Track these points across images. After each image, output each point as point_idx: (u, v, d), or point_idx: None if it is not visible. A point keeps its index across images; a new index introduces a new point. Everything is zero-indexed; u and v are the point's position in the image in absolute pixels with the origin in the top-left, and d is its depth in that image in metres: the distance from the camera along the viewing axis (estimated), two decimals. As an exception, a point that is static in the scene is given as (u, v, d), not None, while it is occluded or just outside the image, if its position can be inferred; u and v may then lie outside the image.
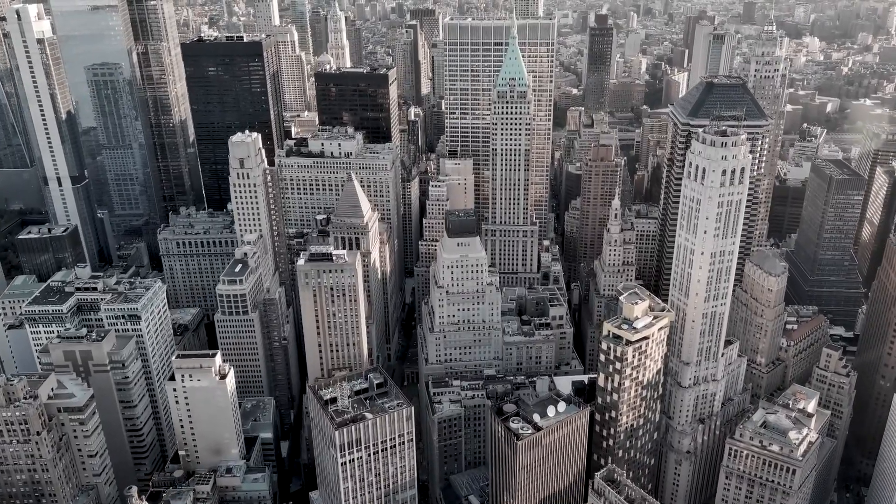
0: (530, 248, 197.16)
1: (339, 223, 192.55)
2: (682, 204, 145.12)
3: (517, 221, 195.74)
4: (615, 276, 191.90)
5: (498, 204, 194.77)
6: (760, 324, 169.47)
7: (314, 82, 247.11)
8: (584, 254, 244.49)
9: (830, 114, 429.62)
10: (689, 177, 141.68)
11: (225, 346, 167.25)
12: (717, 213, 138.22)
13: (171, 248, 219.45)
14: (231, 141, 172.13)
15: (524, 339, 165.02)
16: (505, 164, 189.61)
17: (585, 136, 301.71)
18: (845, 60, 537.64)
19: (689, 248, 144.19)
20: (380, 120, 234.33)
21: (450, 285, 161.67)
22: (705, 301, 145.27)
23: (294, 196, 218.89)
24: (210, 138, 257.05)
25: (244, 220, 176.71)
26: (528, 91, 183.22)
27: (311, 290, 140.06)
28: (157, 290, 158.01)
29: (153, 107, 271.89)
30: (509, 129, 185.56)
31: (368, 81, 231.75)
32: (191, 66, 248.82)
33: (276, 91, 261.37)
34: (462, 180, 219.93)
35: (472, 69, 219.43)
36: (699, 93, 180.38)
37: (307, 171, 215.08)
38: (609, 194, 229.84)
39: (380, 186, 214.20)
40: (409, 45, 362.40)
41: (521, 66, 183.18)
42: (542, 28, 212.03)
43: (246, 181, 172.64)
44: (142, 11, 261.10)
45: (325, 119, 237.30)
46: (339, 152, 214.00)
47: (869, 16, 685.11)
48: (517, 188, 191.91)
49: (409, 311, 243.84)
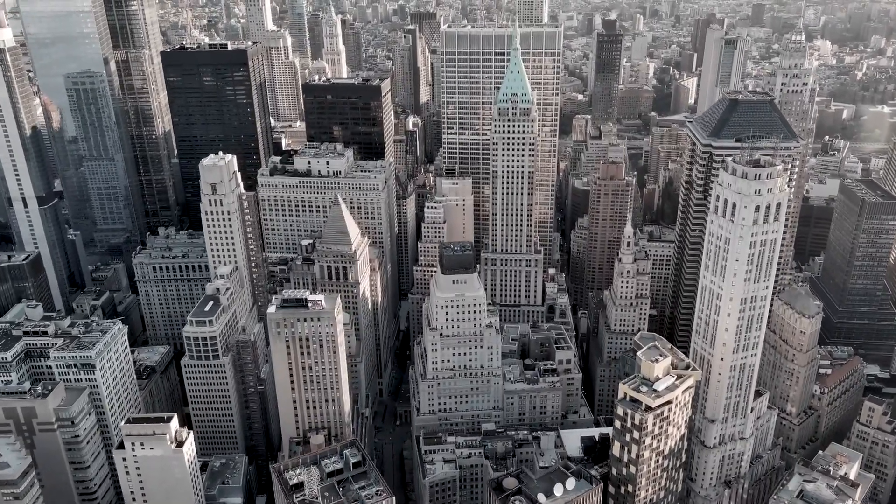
0: (534, 278, 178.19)
1: (324, 251, 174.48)
2: (708, 242, 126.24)
3: (520, 249, 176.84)
4: (627, 310, 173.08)
5: (499, 230, 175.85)
6: (791, 370, 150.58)
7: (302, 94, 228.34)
8: (592, 278, 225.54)
9: (846, 121, 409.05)
10: (716, 212, 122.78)
11: (193, 394, 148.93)
12: (749, 255, 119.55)
13: (147, 272, 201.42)
14: (202, 164, 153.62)
15: (527, 388, 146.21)
16: (506, 187, 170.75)
17: (593, 148, 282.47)
18: (859, 65, 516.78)
19: (715, 293, 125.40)
20: (372, 135, 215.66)
21: (444, 327, 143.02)
22: (734, 352, 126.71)
23: (278, 218, 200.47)
24: (192, 152, 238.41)
25: (217, 252, 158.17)
26: (531, 108, 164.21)
27: (284, 340, 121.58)
28: (116, 333, 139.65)
29: (134, 118, 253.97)
30: (511, 149, 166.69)
31: (360, 93, 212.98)
32: (172, 75, 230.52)
33: (263, 102, 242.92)
34: (460, 201, 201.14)
35: (472, 81, 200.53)
36: (722, 110, 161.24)
37: (292, 192, 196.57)
38: (619, 215, 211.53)
39: (371, 208, 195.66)
40: (408, 50, 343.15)
41: (524, 81, 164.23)
42: (547, 37, 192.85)
43: (219, 208, 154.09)
44: (121, 17, 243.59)
45: (314, 134, 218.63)
46: (327, 171, 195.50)
47: (881, 18, 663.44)
48: (520, 213, 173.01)
49: (405, 339, 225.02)
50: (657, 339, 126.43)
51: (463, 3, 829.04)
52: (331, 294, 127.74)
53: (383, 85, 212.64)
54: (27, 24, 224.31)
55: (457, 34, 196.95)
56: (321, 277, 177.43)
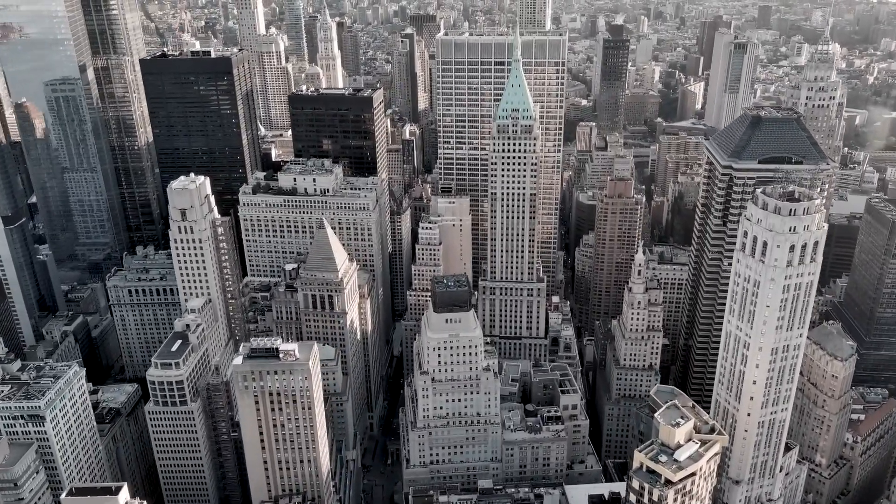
0: (536, 308, 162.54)
1: (309, 278, 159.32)
2: (734, 283, 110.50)
3: (521, 277, 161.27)
4: (638, 344, 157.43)
5: (498, 257, 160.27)
6: (822, 417, 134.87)
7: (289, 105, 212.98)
8: (599, 301, 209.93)
9: (859, 127, 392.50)
10: (744, 250, 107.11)
11: (159, 443, 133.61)
12: (782, 300, 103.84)
13: (122, 296, 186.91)
14: (171, 188, 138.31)
15: (529, 438, 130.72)
16: (506, 210, 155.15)
17: (598, 159, 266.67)
18: (870, 69, 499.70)
19: (741, 341, 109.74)
20: (364, 149, 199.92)
21: (436, 371, 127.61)
22: (762, 407, 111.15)
23: (261, 239, 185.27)
24: (174, 165, 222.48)
25: (188, 283, 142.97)
26: (533, 125, 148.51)
27: (252, 395, 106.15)
28: (71, 378, 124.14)
29: (115, 128, 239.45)
30: (511, 169, 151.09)
31: (351, 105, 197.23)
32: (152, 84, 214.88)
33: (250, 112, 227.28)
34: (457, 221, 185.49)
35: (470, 92, 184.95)
36: (743, 128, 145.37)
37: (276, 211, 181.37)
38: (628, 235, 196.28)
39: (361, 229, 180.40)
40: (406, 55, 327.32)
41: (525, 95, 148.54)
42: (551, 45, 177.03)
43: (189, 236, 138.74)
44: (101, 22, 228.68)
45: (301, 148, 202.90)
46: (314, 189, 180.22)
47: (890, 20, 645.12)
48: (521, 239, 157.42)
49: (398, 365, 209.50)
50: (676, 395, 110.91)
51: (465, 3, 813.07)
52: (305, 344, 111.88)
53: (375, 96, 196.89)
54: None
55: (454, 42, 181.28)
56: (305, 307, 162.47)
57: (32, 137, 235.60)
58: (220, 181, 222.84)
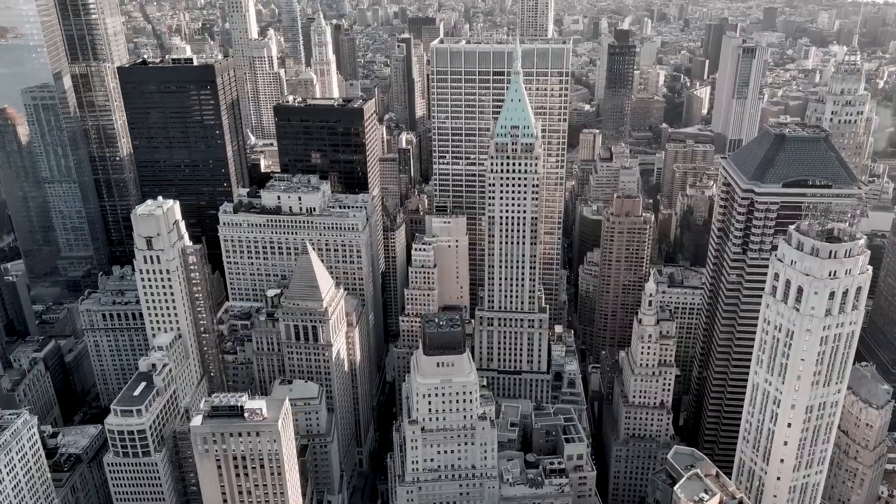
0: (538, 341, 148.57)
1: (291, 307, 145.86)
2: (762, 331, 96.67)
3: (521, 307, 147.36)
4: (648, 381, 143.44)
5: (496, 285, 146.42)
6: (854, 469, 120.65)
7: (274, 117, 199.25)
8: (604, 326, 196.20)
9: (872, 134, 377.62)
10: (775, 295, 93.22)
11: (120, 498, 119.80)
12: (819, 353, 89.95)
13: (96, 321, 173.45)
14: (134, 214, 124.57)
15: (530, 493, 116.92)
16: (505, 235, 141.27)
17: (603, 171, 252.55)
18: (879, 72, 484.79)
19: (771, 396, 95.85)
20: (354, 163, 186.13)
21: (427, 419, 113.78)
22: (794, 470, 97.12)
23: (243, 261, 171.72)
24: (155, 179, 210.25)
25: (155, 318, 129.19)
26: (535, 143, 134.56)
27: (214, 459, 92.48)
28: (20, 428, 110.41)
29: (96, 137, 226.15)
30: (511, 191, 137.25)
31: (340, 116, 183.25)
32: (131, 93, 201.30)
33: (235, 122, 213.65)
34: (453, 242, 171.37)
35: (467, 104, 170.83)
36: (765, 147, 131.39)
37: (259, 232, 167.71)
38: (636, 256, 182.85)
39: (349, 251, 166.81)
40: (402, 61, 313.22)
41: (526, 111, 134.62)
42: (554, 54, 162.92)
43: (155, 266, 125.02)
44: (80, 27, 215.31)
45: (288, 162, 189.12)
46: (299, 208, 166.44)
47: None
48: (521, 266, 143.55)
49: (391, 392, 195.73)
50: (696, 459, 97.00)
51: (466, 4, 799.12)
52: (274, 400, 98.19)
53: (366, 107, 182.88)
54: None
55: (449, 50, 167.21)
56: (287, 338, 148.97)
57: (10, 145, 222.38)
58: (203, 195, 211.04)
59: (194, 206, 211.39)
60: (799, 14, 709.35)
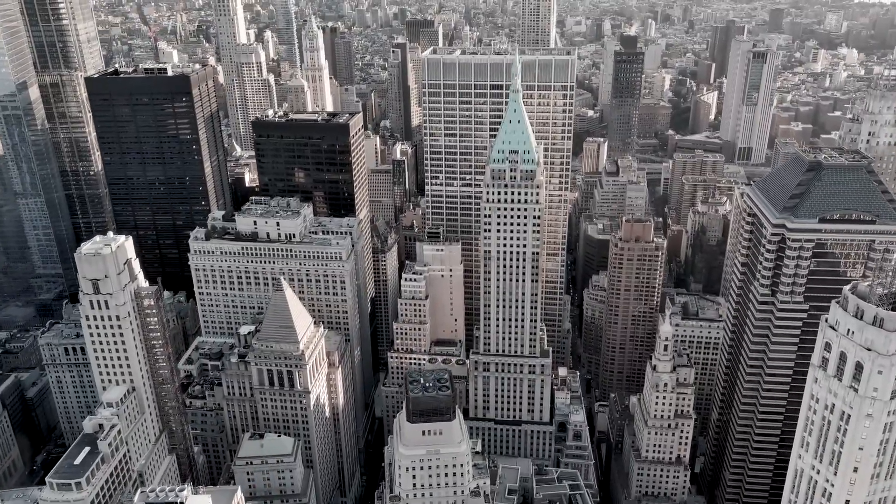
0: (539, 388, 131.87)
1: (264, 350, 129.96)
2: (809, 408, 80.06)
3: (521, 350, 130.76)
4: (664, 434, 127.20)
5: (493, 326, 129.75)
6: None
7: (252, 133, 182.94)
8: (612, 359, 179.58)
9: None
10: (826, 369, 76.55)
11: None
12: (882, 441, 73.25)
13: (58, 355, 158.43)
14: (79, 253, 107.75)
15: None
16: (503, 272, 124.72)
17: (608, 185, 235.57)
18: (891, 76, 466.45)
19: (819, 486, 79.19)
20: (340, 183, 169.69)
21: (410, 496, 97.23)
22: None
23: (216, 293, 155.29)
24: (128, 197, 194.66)
25: (105, 370, 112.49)
26: (537, 170, 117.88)
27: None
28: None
29: (68, 150, 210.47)
30: (509, 224, 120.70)
31: (324, 133, 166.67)
32: (100, 106, 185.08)
33: (215, 136, 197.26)
34: (446, 272, 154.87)
35: (461, 120, 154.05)
36: (798, 175, 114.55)
37: (234, 260, 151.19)
38: (647, 285, 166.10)
39: (333, 282, 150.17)
40: (397, 67, 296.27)
41: (526, 133, 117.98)
42: (558, 66, 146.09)
43: (104, 312, 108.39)
44: (49, 33, 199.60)
45: (268, 183, 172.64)
46: (277, 234, 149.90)
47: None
48: (521, 305, 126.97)
49: (379, 431, 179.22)
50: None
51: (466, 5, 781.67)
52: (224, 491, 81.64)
53: (352, 123, 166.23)
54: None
55: (442, 61, 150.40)
56: (259, 384, 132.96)
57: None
58: (180, 215, 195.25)
59: (170, 227, 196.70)
60: (805, 15, 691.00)
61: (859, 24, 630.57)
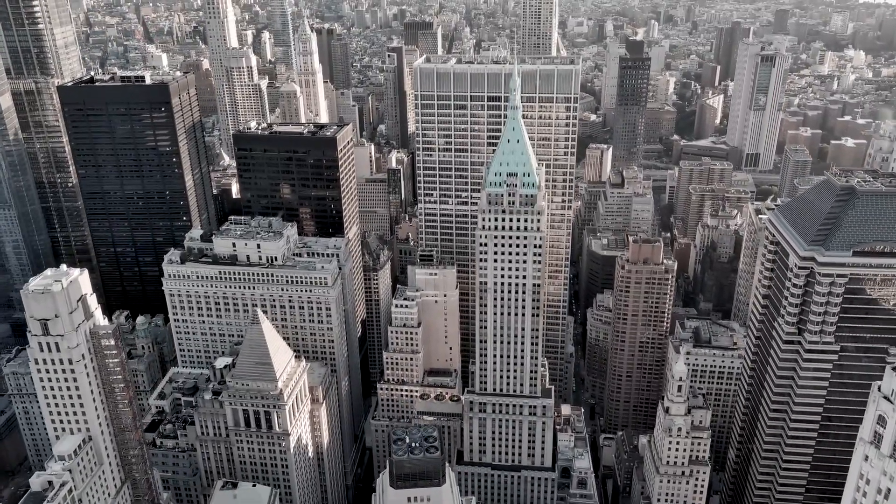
0: (541, 431, 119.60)
1: (238, 389, 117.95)
2: (855, 489, 68.19)
3: (520, 390, 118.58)
4: (677, 482, 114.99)
5: (489, 363, 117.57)
6: None
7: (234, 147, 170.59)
8: (618, 388, 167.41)
9: None
10: (879, 446, 64.17)
11: None
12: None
13: (24, 385, 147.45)
14: (26, 290, 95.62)
15: None
16: (501, 306, 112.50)
17: (613, 198, 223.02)
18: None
19: (869, 583, 66.56)
20: (327, 200, 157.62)
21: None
22: None
23: (192, 320, 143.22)
24: (105, 212, 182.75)
25: (57, 418, 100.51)
26: (538, 195, 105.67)
27: None
28: None
29: (45, 161, 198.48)
30: (508, 253, 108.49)
31: (309, 147, 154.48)
32: (74, 116, 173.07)
33: (197, 147, 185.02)
34: (440, 297, 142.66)
35: (457, 134, 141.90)
36: (829, 202, 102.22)
37: (211, 285, 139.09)
38: (655, 310, 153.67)
39: (317, 310, 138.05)
40: (393, 72, 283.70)
41: (526, 154, 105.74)
42: (561, 77, 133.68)
43: (55, 356, 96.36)
44: (24, 38, 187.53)
45: (251, 199, 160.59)
46: (257, 257, 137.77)
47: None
48: (521, 342, 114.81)
49: (369, 464, 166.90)
50: None
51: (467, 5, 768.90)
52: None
53: (340, 136, 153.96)
54: None
55: (436, 71, 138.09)
56: (235, 425, 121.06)
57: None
58: (160, 230, 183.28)
59: (150, 243, 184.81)
60: (810, 16, 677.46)
61: (865, 26, 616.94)
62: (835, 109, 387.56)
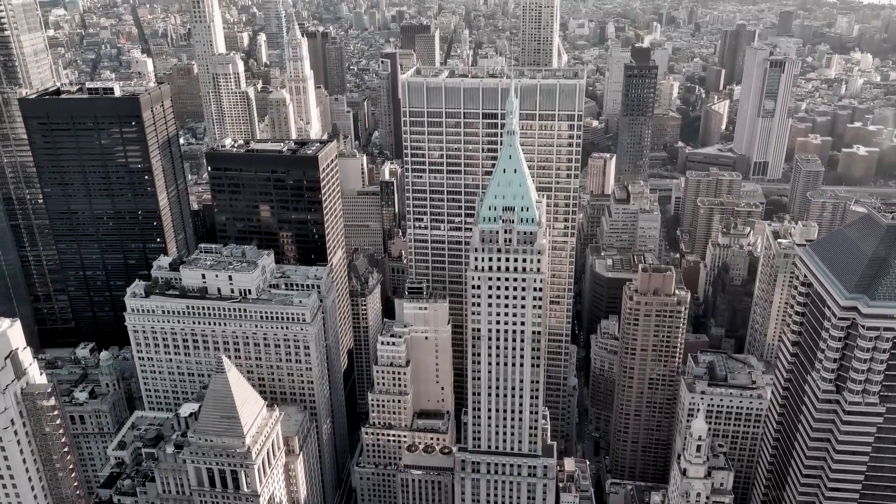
0: (541, 493, 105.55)
1: (201, 445, 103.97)
2: None
3: (518, 447, 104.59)
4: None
5: (483, 418, 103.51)
6: None
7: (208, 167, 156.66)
8: (625, 426, 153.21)
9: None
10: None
11: None
12: None
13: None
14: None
15: None
16: (496, 355, 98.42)
17: (618, 214, 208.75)
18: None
19: None
20: (308, 224, 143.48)
21: None
22: None
23: (159, 358, 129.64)
24: (72, 234, 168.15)
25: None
26: (538, 232, 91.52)
27: None
28: None
29: (13, 176, 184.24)
30: (504, 298, 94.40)
31: (289, 166, 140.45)
32: (37, 130, 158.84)
33: (173, 163, 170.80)
34: (432, 333, 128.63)
35: (449, 154, 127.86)
36: (872, 242, 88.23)
37: (178, 321, 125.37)
38: (666, 345, 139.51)
39: (294, 348, 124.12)
40: (387, 80, 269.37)
41: (524, 185, 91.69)
42: (563, 92, 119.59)
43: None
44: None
45: (226, 223, 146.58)
46: (229, 290, 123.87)
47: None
48: (518, 395, 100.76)
49: None
50: None
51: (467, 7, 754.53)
52: None
53: (322, 155, 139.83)
54: None
55: (426, 85, 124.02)
56: (198, 484, 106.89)
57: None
58: (132, 253, 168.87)
59: (122, 266, 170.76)
60: (815, 18, 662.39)
61: (871, 28, 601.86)
62: (844, 115, 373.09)
